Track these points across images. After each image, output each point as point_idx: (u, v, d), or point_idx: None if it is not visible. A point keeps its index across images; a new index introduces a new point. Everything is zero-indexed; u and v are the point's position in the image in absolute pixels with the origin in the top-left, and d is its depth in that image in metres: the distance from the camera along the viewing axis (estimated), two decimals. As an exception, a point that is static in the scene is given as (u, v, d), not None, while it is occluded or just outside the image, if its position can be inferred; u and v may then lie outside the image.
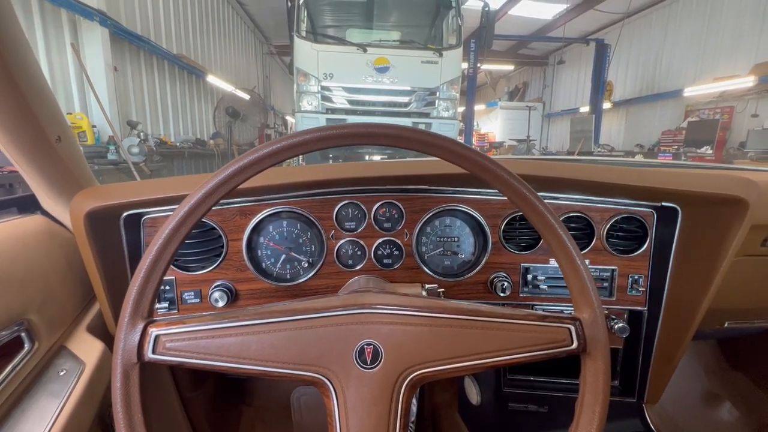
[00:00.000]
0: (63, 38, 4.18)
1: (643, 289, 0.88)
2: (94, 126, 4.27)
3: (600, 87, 9.22)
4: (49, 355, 0.63)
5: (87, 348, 0.67)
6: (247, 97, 6.80)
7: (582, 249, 0.86)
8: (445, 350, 0.46)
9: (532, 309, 0.90)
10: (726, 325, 0.96)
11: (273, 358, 0.44)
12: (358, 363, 0.45)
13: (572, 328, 0.45)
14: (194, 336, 0.43)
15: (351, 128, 0.43)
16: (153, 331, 0.42)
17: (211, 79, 7.55)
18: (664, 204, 0.82)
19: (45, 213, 0.70)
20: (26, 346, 0.59)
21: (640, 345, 0.91)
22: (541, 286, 0.88)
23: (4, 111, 0.53)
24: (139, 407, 0.41)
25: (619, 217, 0.85)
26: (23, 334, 0.58)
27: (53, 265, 0.66)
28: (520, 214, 0.86)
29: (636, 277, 0.87)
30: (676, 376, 0.89)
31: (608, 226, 0.86)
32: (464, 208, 0.85)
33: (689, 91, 7.75)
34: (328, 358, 0.45)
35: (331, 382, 0.45)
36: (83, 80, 4.26)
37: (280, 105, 13.97)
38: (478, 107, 12.11)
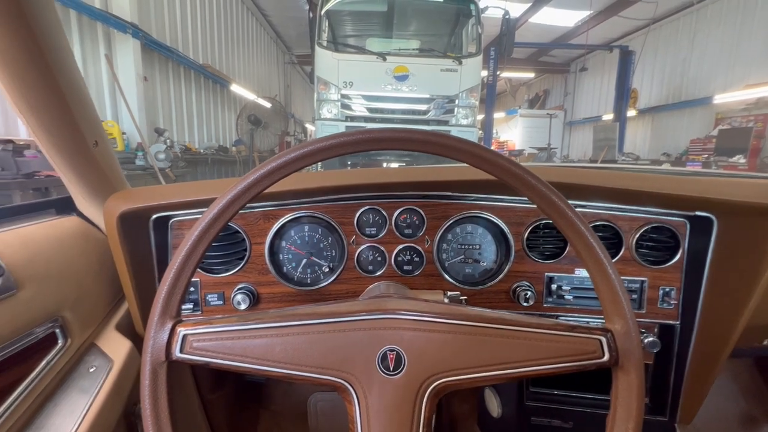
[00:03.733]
0: (98, 50, 4.40)
1: (675, 302, 0.84)
2: (124, 133, 4.46)
3: (624, 94, 9.02)
4: (81, 352, 0.65)
5: (115, 346, 0.69)
6: (268, 105, 6.95)
7: None
8: (469, 359, 0.45)
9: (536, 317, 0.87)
10: (765, 342, 0.91)
11: (296, 361, 0.44)
12: (380, 369, 0.45)
13: (603, 339, 0.43)
14: (220, 336, 0.44)
15: (378, 133, 0.43)
16: (181, 330, 0.43)
17: (235, 88, 7.78)
18: (698, 213, 0.79)
19: (80, 214, 0.73)
20: (60, 342, 0.61)
21: (672, 361, 0.87)
22: (566, 297, 0.85)
23: (48, 115, 0.55)
24: (166, 405, 0.42)
25: (649, 226, 0.82)
26: (57, 331, 0.61)
27: (86, 265, 0.68)
28: (544, 222, 0.84)
29: (667, 290, 0.84)
30: (711, 395, 0.85)
31: (637, 235, 0.83)
32: (486, 215, 0.84)
33: (720, 98, 7.49)
34: (351, 363, 0.45)
35: (353, 387, 0.45)
36: (115, 89, 4.47)
37: (300, 113, 14.25)
38: (498, 115, 12.01)
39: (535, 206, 0.84)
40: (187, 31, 6.35)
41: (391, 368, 0.45)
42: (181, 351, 0.43)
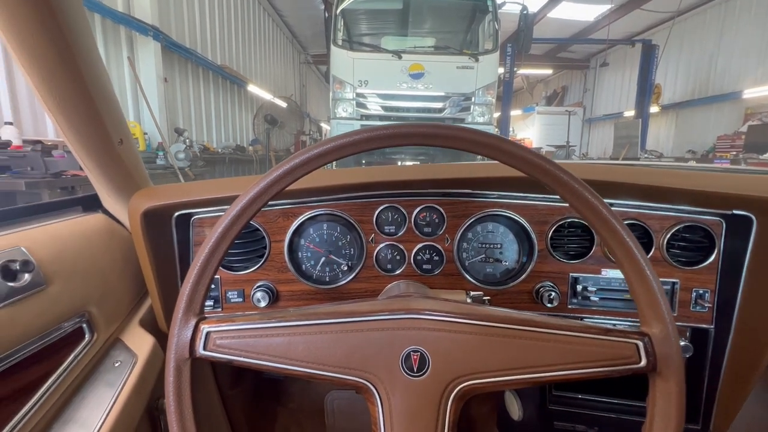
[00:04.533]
0: (121, 53, 4.52)
1: (710, 305, 0.80)
2: (145, 133, 4.58)
3: (647, 90, 8.73)
4: (106, 347, 0.67)
5: (139, 341, 0.70)
6: (284, 105, 7.03)
7: None
8: (496, 361, 0.43)
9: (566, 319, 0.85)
10: None
11: (319, 360, 0.44)
12: (404, 370, 0.44)
13: (640, 343, 0.41)
14: (243, 334, 0.44)
15: (403, 128, 0.42)
16: (204, 327, 0.43)
17: (252, 88, 7.88)
18: (735, 212, 0.75)
19: (105, 212, 0.75)
20: (86, 337, 0.62)
21: (705, 367, 0.83)
22: (592, 298, 0.82)
23: (76, 113, 0.56)
24: (189, 401, 0.42)
25: (681, 225, 0.79)
26: (84, 326, 0.62)
27: (111, 262, 0.70)
28: (569, 220, 0.81)
29: (701, 292, 0.80)
30: (749, 403, 0.80)
31: (668, 235, 0.79)
32: (509, 213, 0.82)
33: (750, 93, 7.17)
34: (374, 363, 0.44)
35: (376, 388, 0.44)
36: (137, 91, 4.59)
37: (316, 113, 14.35)
38: (514, 112, 11.82)
39: (558, 204, 0.81)
40: (205, 32, 6.47)
41: (415, 369, 0.44)
42: (205, 348, 0.43)
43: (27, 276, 0.52)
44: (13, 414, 0.51)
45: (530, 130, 12.02)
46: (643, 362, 0.40)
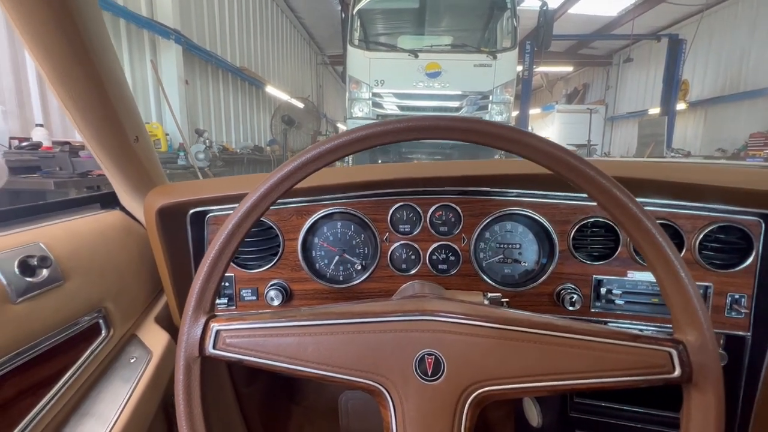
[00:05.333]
0: (144, 56, 4.65)
1: (747, 311, 0.75)
2: (167, 134, 4.70)
3: (673, 86, 8.41)
4: (122, 343, 0.67)
5: (155, 338, 0.71)
6: (301, 105, 7.09)
7: None
8: (516, 367, 0.41)
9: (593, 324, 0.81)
10: None
11: (329, 362, 0.42)
12: (418, 374, 0.42)
13: (674, 352, 0.38)
14: (253, 333, 0.43)
15: (419, 121, 0.40)
16: (214, 326, 0.42)
17: (269, 89, 7.99)
18: None
19: (123, 209, 0.76)
20: (103, 333, 0.63)
21: (741, 377, 0.78)
22: (617, 302, 0.78)
23: (92, 111, 0.57)
24: (198, 400, 0.41)
25: (715, 226, 0.74)
26: (101, 321, 0.62)
27: (127, 258, 0.70)
28: (592, 220, 0.78)
29: (737, 297, 0.75)
30: (789, 417, 0.75)
31: (701, 236, 0.74)
32: (528, 212, 0.79)
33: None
34: (386, 366, 0.42)
35: (388, 392, 0.42)
36: (160, 93, 4.71)
37: (332, 113, 14.44)
38: (533, 111, 11.58)
39: (581, 203, 0.78)
40: (224, 34, 6.59)
41: (429, 373, 0.42)
42: (215, 347, 0.42)
43: (45, 271, 0.53)
44: (32, 407, 0.51)
45: (549, 129, 11.75)
46: (677, 372, 0.37)
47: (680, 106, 9.04)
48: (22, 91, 3.34)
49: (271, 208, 0.81)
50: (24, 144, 2.99)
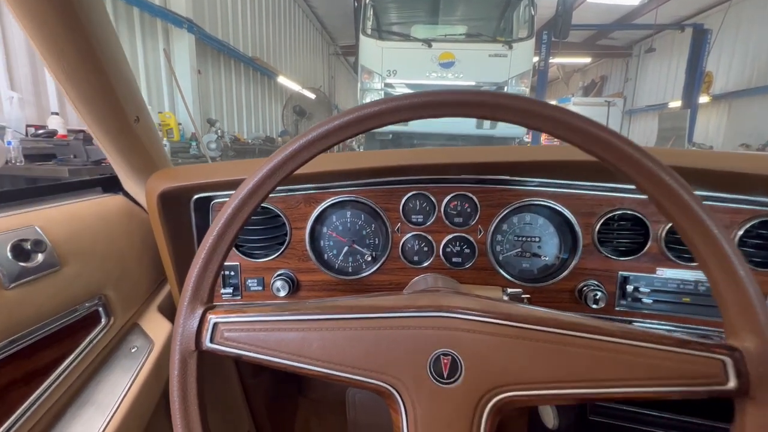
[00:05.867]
0: (158, 45, 4.66)
1: None
2: (180, 124, 4.71)
3: (696, 78, 8.11)
4: (123, 332, 0.65)
5: (157, 327, 0.68)
6: (313, 96, 7.06)
7: None
8: (543, 371, 0.37)
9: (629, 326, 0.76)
10: None
11: (335, 360, 0.39)
12: (432, 375, 0.38)
13: (728, 360, 0.33)
14: (253, 327, 0.39)
15: (438, 96, 0.36)
16: (212, 318, 0.39)
17: (281, 79, 7.96)
18: None
19: (126, 194, 0.73)
20: (103, 321, 0.61)
21: None
22: (644, 300, 0.73)
23: (89, 88, 0.54)
24: (195, 397, 0.38)
25: (758, 221, 0.68)
26: (100, 309, 0.60)
27: (130, 245, 0.68)
28: (619, 212, 0.72)
29: None
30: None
31: (741, 232, 0.69)
32: (550, 203, 0.74)
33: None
34: (398, 365, 0.39)
35: (399, 394, 0.39)
36: (173, 82, 4.72)
37: (344, 104, 14.37)
38: (548, 104, 11.30)
39: (608, 194, 0.72)
40: (237, 24, 6.56)
41: (445, 375, 0.38)
42: (212, 341, 0.39)
43: (40, 256, 0.50)
44: (28, 395, 0.49)
45: (565, 122, 11.45)
46: (732, 384, 0.33)
47: (703, 98, 8.73)
48: (38, 80, 3.37)
49: (278, 194, 0.78)
50: (40, 132, 3.03)
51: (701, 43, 8.01)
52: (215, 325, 0.39)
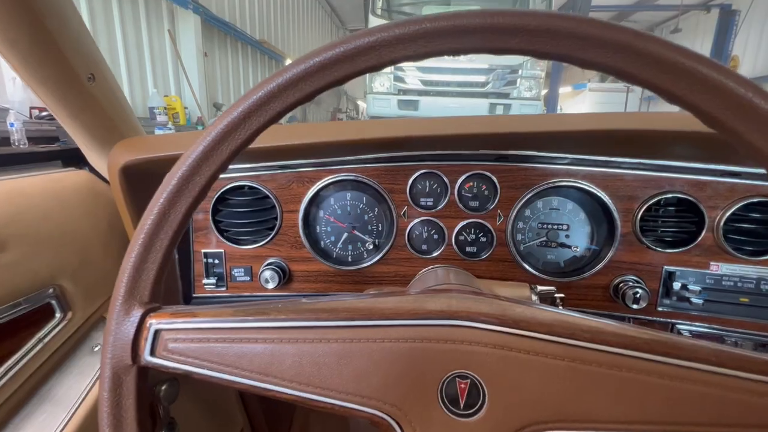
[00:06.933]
0: (162, 25, 4.54)
1: None
2: (186, 107, 4.63)
3: (722, 61, 7.72)
4: (85, 328, 0.56)
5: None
6: (321, 80, 6.90)
7: None
8: (599, 406, 0.26)
9: (673, 329, 0.65)
10: None
11: (315, 382, 0.29)
12: (444, 404, 0.28)
13: None
14: (207, 336, 0.30)
15: (457, 19, 0.24)
16: (152, 323, 0.29)
17: (289, 63, 7.80)
18: None
19: (92, 169, 0.63)
20: (57, 315, 0.52)
21: None
22: (694, 300, 0.62)
23: (25, 42, 0.44)
24: (134, 426, 0.29)
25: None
26: (53, 302, 0.51)
27: (94, 227, 0.59)
28: (668, 196, 0.61)
29: None
30: None
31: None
32: (584, 184, 0.62)
33: None
34: (398, 390, 0.29)
35: (400, 427, 0.29)
36: (178, 66, 4.61)
37: (353, 90, 14.11)
38: (563, 89, 10.94)
39: (655, 174, 0.60)
40: (244, 6, 6.39)
41: (462, 405, 0.28)
42: (153, 353, 0.29)
43: (-34, 239, 0.41)
44: None
45: (580, 108, 11.11)
46: None
47: (728, 84, 8.33)
48: (40, 60, 3.29)
49: (266, 172, 0.68)
50: (44, 114, 2.97)
51: (728, 25, 7.60)
52: (157, 332, 0.29)
